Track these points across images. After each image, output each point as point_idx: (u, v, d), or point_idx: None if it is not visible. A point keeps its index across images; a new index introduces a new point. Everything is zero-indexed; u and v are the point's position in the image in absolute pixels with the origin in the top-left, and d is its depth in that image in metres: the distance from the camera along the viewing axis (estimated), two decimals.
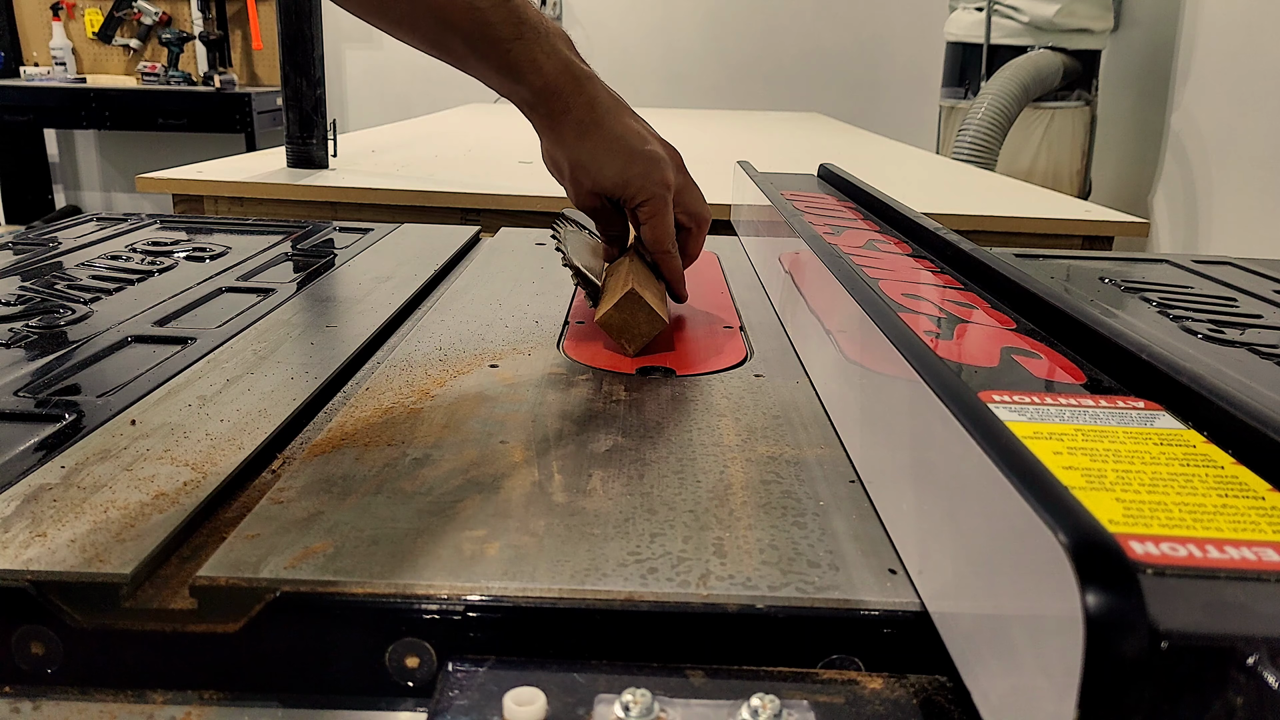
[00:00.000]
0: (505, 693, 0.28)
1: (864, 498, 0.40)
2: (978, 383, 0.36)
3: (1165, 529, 0.25)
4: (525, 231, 0.99)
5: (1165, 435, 0.32)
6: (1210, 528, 0.25)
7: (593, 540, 0.35)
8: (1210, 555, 0.24)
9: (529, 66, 0.58)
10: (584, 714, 0.27)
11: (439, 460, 0.42)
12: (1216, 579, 0.23)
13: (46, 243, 0.87)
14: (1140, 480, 0.28)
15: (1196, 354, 0.63)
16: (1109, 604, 0.20)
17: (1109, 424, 0.32)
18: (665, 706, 0.28)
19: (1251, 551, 0.24)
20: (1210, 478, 0.29)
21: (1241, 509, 0.27)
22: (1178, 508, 0.26)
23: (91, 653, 0.33)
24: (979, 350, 0.41)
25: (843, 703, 0.29)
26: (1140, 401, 0.34)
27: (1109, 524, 0.25)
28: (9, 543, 0.34)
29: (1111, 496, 0.27)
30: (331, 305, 0.70)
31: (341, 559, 0.33)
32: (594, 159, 0.61)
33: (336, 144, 1.57)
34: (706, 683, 0.30)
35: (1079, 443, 0.31)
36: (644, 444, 0.45)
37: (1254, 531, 0.25)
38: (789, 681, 0.30)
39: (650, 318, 0.57)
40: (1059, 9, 2.58)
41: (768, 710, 0.27)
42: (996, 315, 0.47)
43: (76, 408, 0.47)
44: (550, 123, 0.60)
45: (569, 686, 0.29)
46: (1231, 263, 0.94)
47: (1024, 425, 0.32)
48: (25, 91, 3.63)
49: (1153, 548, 0.24)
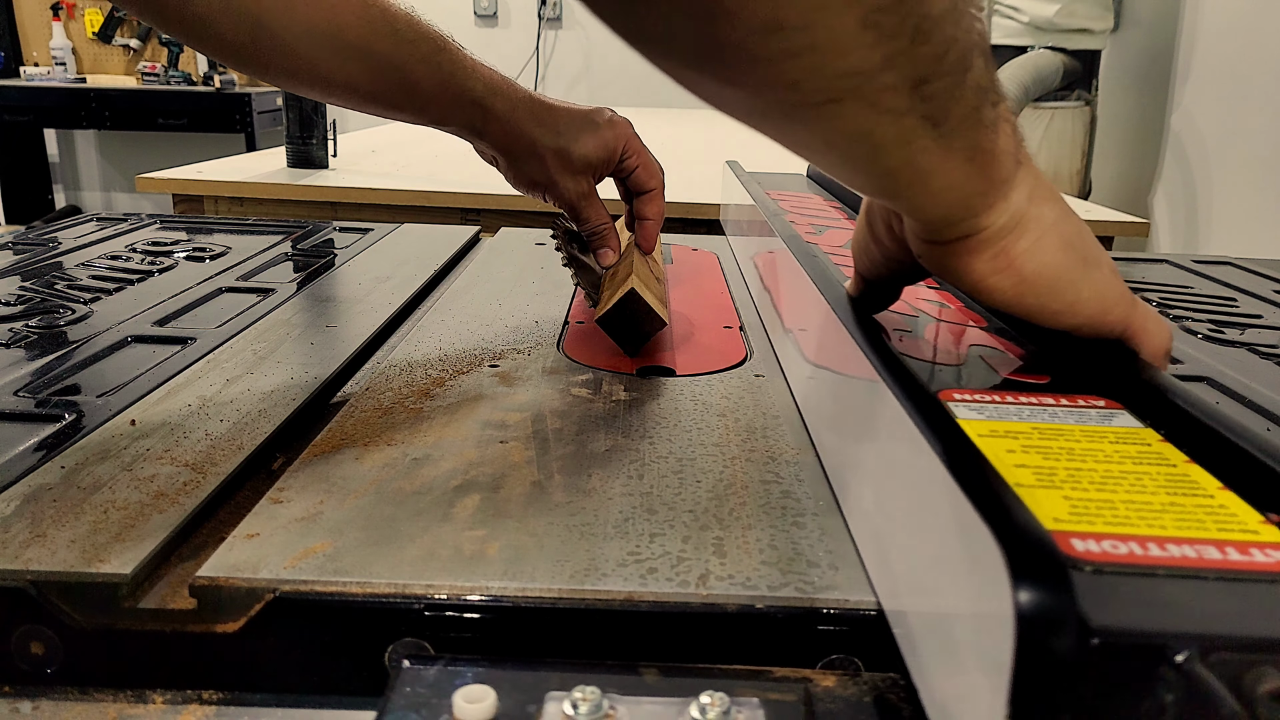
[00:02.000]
0: (456, 690, 0.28)
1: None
2: (940, 381, 0.36)
3: (1110, 527, 0.25)
4: (525, 231, 0.99)
5: (1122, 434, 0.32)
6: (1155, 525, 0.26)
7: (592, 540, 0.35)
8: (1151, 553, 0.24)
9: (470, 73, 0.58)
10: (534, 711, 0.27)
11: (439, 460, 0.42)
12: (1154, 577, 0.23)
13: (46, 243, 0.87)
14: (1091, 478, 0.28)
15: (1196, 354, 0.63)
16: (1039, 601, 0.20)
17: (1067, 422, 0.33)
18: (615, 704, 0.28)
19: (1193, 549, 0.24)
20: (1161, 476, 0.29)
21: (1188, 507, 0.27)
22: (1124, 505, 0.27)
23: (91, 653, 0.33)
24: (946, 349, 0.41)
25: (794, 700, 0.29)
26: (1101, 400, 0.35)
27: (1054, 522, 0.25)
28: (9, 543, 0.34)
29: (1060, 494, 0.27)
30: (331, 305, 0.70)
31: (341, 559, 0.33)
32: (570, 139, 0.61)
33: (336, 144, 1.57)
34: (660, 680, 0.30)
35: (1034, 441, 0.31)
36: (644, 444, 0.45)
37: (1198, 530, 0.25)
38: (742, 679, 0.30)
39: (650, 318, 0.57)
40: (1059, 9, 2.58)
41: (716, 708, 0.27)
42: (969, 314, 0.47)
43: (76, 408, 0.47)
44: (508, 127, 0.59)
45: (521, 684, 0.29)
46: (1231, 263, 0.94)
47: (981, 423, 0.32)
48: (25, 91, 3.63)
49: (1094, 545, 0.24)
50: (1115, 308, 0.37)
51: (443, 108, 0.58)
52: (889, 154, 0.31)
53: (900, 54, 0.27)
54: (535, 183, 0.63)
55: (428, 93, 0.57)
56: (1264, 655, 0.21)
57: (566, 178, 0.62)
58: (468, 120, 0.59)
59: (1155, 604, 0.22)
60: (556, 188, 0.63)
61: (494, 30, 3.68)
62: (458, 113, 0.59)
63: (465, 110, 0.58)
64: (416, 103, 0.57)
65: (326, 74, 0.55)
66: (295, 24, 0.52)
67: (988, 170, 0.33)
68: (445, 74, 0.57)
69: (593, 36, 3.62)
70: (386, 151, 1.75)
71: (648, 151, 0.65)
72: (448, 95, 0.57)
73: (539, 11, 3.62)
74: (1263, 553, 0.24)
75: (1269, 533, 0.25)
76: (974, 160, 0.32)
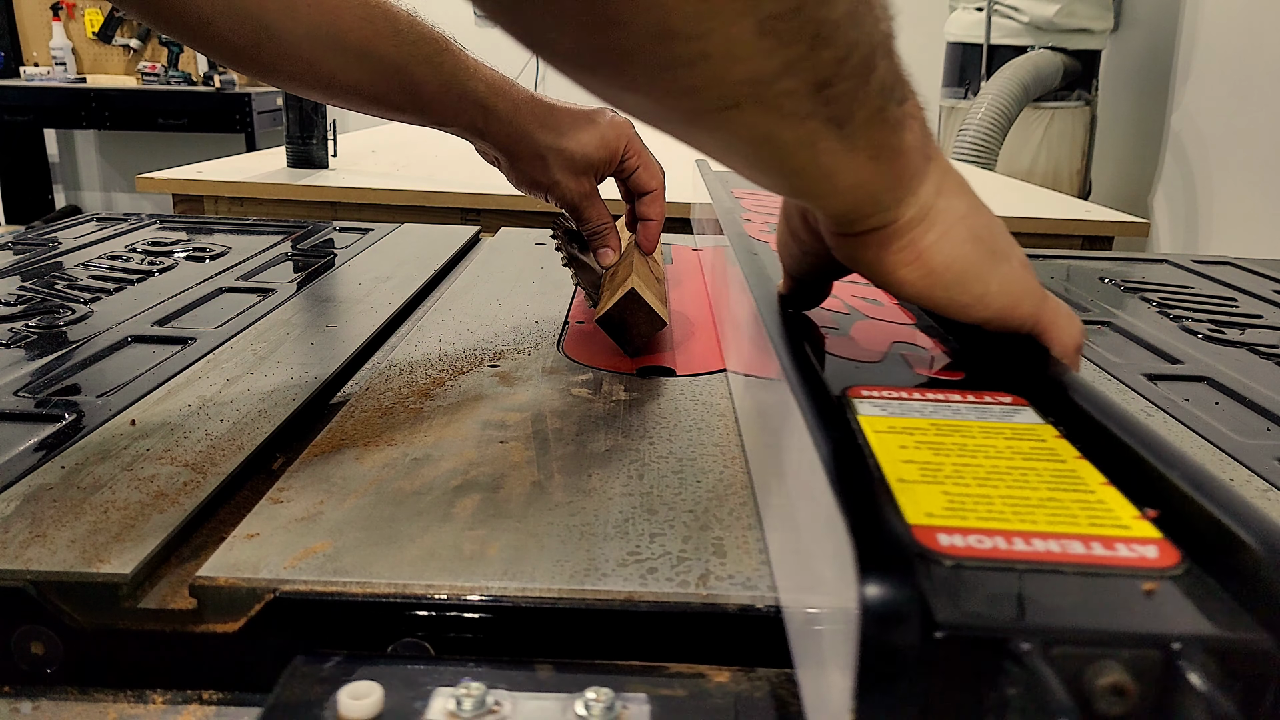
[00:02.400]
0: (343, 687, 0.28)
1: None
2: (854, 378, 0.37)
3: (981, 521, 0.26)
4: (525, 231, 0.99)
5: (1020, 430, 0.32)
6: (1026, 521, 0.26)
7: (592, 540, 0.35)
8: (1015, 548, 0.24)
9: (472, 74, 0.58)
10: (421, 707, 0.27)
11: (439, 460, 0.42)
12: (1013, 571, 0.23)
13: (46, 243, 0.87)
14: (976, 474, 0.28)
15: (1196, 354, 0.63)
16: (884, 595, 0.21)
17: (968, 418, 0.33)
18: (501, 700, 0.28)
19: (1058, 544, 0.25)
20: (1048, 472, 0.29)
21: (1066, 502, 0.27)
22: (1002, 500, 0.27)
23: (91, 653, 0.33)
24: (868, 346, 0.41)
25: (684, 695, 0.29)
26: (1008, 397, 0.35)
27: (925, 517, 0.26)
28: (9, 543, 0.34)
29: (940, 490, 0.27)
30: (331, 305, 0.70)
31: (341, 559, 0.33)
32: (571, 139, 0.61)
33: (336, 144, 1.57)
34: (552, 676, 0.30)
35: (930, 437, 0.31)
36: (644, 444, 0.45)
37: (1069, 525, 0.26)
38: (635, 675, 0.30)
39: (650, 318, 0.57)
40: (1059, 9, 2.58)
41: (601, 703, 0.28)
42: (898, 311, 0.47)
43: (76, 408, 0.47)
44: (510, 128, 0.59)
45: (410, 680, 0.29)
46: (1231, 263, 0.94)
47: (880, 419, 0.32)
48: (25, 91, 3.63)
49: (959, 540, 0.25)
50: (1024, 302, 0.37)
51: (445, 109, 0.58)
52: (792, 156, 0.31)
53: (800, 59, 0.26)
54: (537, 183, 0.63)
55: (430, 94, 0.57)
56: (1107, 649, 0.21)
57: (568, 178, 0.62)
58: (470, 121, 0.59)
59: (1006, 598, 0.22)
60: (558, 188, 0.63)
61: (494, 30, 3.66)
62: (460, 114, 0.59)
63: (467, 111, 0.58)
64: (418, 104, 0.57)
65: (328, 76, 0.55)
66: (298, 26, 0.52)
67: (894, 167, 0.33)
68: (447, 75, 0.57)
69: None
70: (386, 151, 1.75)
71: (649, 152, 0.65)
72: (450, 96, 0.57)
73: None
74: (1128, 548, 0.25)
75: (1140, 528, 0.26)
76: (879, 158, 0.32)
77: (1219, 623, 0.22)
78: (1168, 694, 0.21)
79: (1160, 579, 0.23)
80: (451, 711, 0.27)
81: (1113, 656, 0.21)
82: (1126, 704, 0.21)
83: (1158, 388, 0.56)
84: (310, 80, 0.56)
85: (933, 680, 0.21)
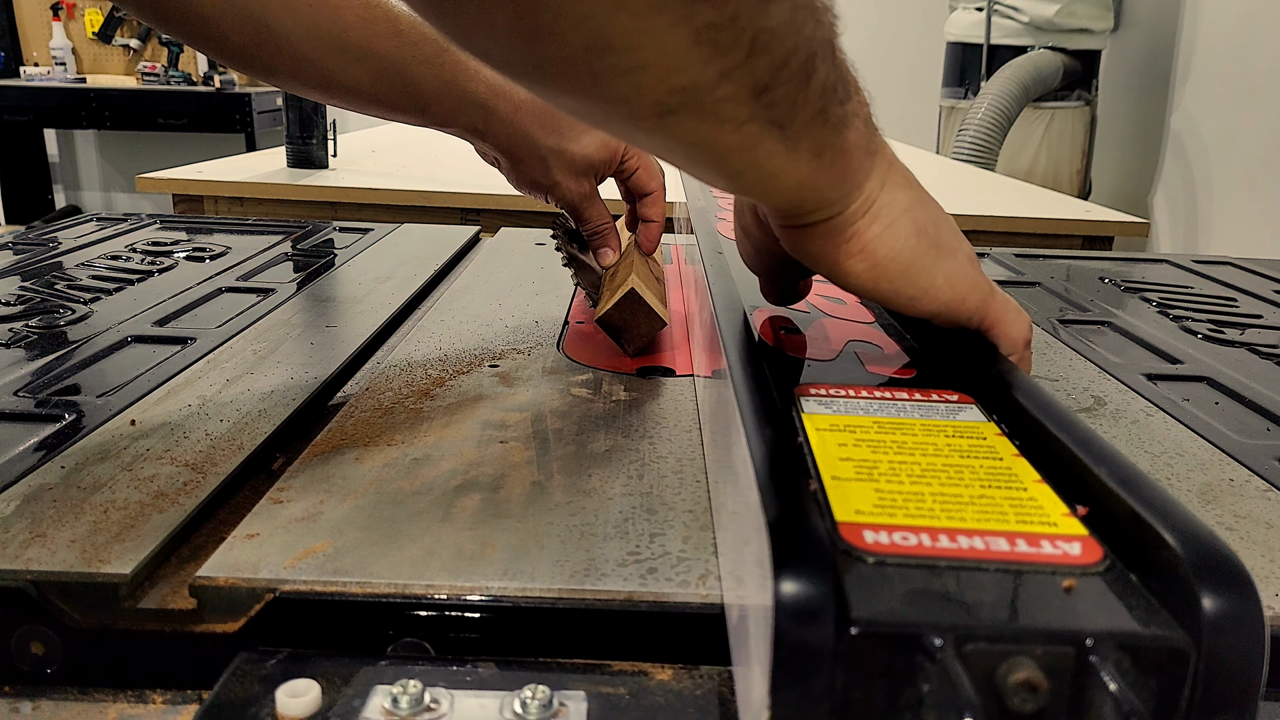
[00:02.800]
0: (281, 685, 0.28)
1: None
2: (805, 376, 0.37)
3: (909, 519, 0.26)
4: (525, 231, 0.99)
5: (962, 428, 0.32)
6: (955, 518, 0.26)
7: (592, 540, 0.35)
8: (940, 545, 0.24)
9: (472, 75, 0.58)
10: (359, 705, 0.27)
11: (439, 460, 0.42)
12: (935, 568, 0.23)
13: (46, 243, 0.87)
14: (911, 471, 0.29)
15: (1196, 354, 0.63)
16: (798, 592, 0.21)
17: (911, 416, 0.33)
18: (440, 697, 0.28)
19: (983, 541, 0.25)
20: (983, 469, 0.29)
21: (997, 499, 0.27)
22: (933, 498, 0.27)
23: (91, 653, 0.33)
24: (823, 344, 0.41)
25: (624, 693, 0.29)
26: (955, 395, 0.35)
27: (854, 514, 0.26)
28: (9, 543, 0.34)
29: (873, 487, 0.27)
30: (331, 305, 0.70)
31: (341, 559, 0.33)
32: (571, 140, 0.60)
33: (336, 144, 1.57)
34: (492, 674, 0.30)
35: (871, 435, 0.31)
36: (644, 444, 0.45)
37: (998, 522, 0.26)
38: (576, 673, 0.30)
39: (650, 318, 0.57)
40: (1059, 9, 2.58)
41: (537, 700, 0.28)
42: (859, 310, 0.47)
43: (76, 408, 0.47)
44: (511, 129, 0.59)
45: (349, 678, 0.29)
46: (1231, 263, 0.94)
47: (824, 418, 0.33)
48: (25, 91, 3.63)
49: (884, 537, 0.25)
50: (971, 296, 0.37)
51: (445, 110, 0.58)
52: (733, 158, 0.31)
53: (737, 67, 0.26)
54: (537, 184, 0.63)
55: (430, 94, 0.57)
56: (1020, 645, 0.21)
57: (569, 179, 0.62)
58: (470, 122, 0.59)
59: (924, 595, 0.22)
60: (559, 189, 0.62)
61: None
62: (460, 115, 0.58)
63: (468, 112, 0.58)
64: (419, 104, 0.57)
65: (328, 75, 0.55)
66: (298, 25, 0.52)
67: (837, 166, 0.34)
68: (448, 76, 0.57)
69: None
70: (386, 152, 1.75)
71: (649, 154, 0.65)
72: (451, 97, 0.57)
73: None
74: (1053, 545, 0.25)
75: (1068, 525, 0.26)
76: (822, 157, 0.33)
77: (1134, 619, 0.22)
78: (1082, 690, 0.21)
79: (1081, 576, 0.23)
80: (388, 709, 0.27)
81: (1026, 653, 0.21)
82: (1039, 700, 0.21)
83: (1158, 388, 0.56)
84: (310, 79, 0.56)
85: (848, 676, 0.21)
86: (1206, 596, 0.21)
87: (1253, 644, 0.21)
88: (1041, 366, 0.59)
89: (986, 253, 0.95)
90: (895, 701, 0.21)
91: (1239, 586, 0.21)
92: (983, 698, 0.20)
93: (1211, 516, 0.40)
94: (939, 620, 0.21)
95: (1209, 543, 0.22)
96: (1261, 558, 0.36)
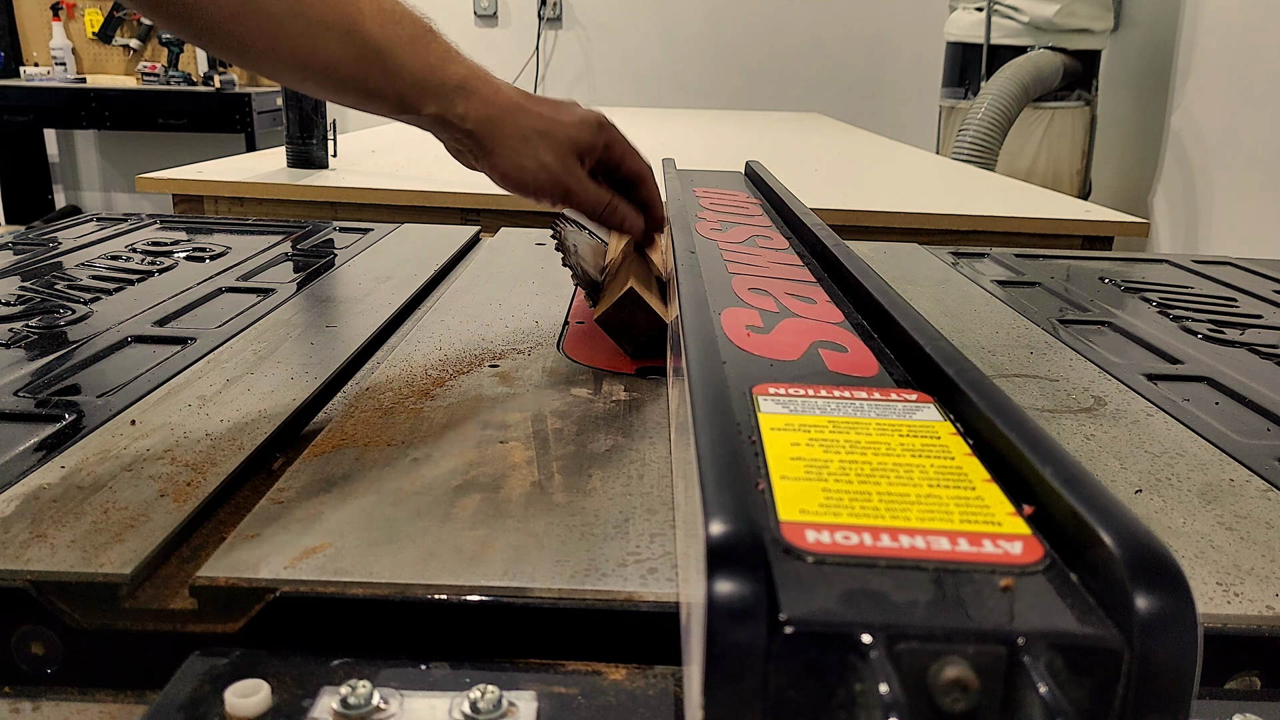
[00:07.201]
0: (230, 685, 0.28)
1: None
2: (766, 375, 0.37)
3: (852, 518, 0.25)
4: (525, 231, 0.99)
5: (917, 427, 0.32)
6: (899, 517, 0.26)
7: (592, 540, 0.35)
8: (881, 544, 0.24)
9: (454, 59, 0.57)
10: (308, 705, 0.27)
11: (439, 460, 0.42)
12: (873, 567, 0.23)
13: (46, 243, 0.87)
14: (860, 471, 0.28)
15: (1196, 354, 0.63)
16: (730, 591, 0.21)
17: (867, 416, 0.33)
18: (389, 698, 0.28)
19: (924, 540, 0.24)
20: (933, 469, 0.29)
21: (944, 499, 0.27)
22: (879, 497, 0.27)
23: (91, 653, 0.33)
24: (787, 344, 0.41)
25: (576, 693, 0.29)
26: (914, 394, 0.35)
27: (799, 513, 0.26)
28: (9, 543, 0.34)
29: (820, 486, 0.27)
30: (331, 305, 0.70)
31: (341, 559, 0.33)
32: (553, 116, 0.60)
33: (336, 144, 1.57)
34: (444, 674, 0.30)
35: (825, 434, 0.31)
36: (644, 444, 0.45)
37: (942, 521, 0.25)
38: (530, 673, 0.30)
39: (649, 317, 0.57)
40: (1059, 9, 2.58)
41: (487, 700, 0.27)
42: (829, 310, 0.47)
43: (76, 408, 0.47)
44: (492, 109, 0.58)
45: (299, 678, 0.29)
46: (1231, 263, 0.94)
47: (779, 417, 0.32)
48: (25, 91, 3.63)
49: (826, 536, 0.24)
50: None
51: (425, 93, 0.57)
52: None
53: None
54: (523, 168, 0.60)
55: (411, 77, 0.56)
56: (952, 645, 0.21)
57: (555, 158, 0.60)
58: (450, 106, 0.57)
59: (860, 594, 0.22)
60: (547, 170, 0.60)
61: (494, 30, 3.68)
62: (440, 98, 0.57)
63: (448, 95, 0.57)
64: (397, 88, 0.56)
65: (306, 54, 0.53)
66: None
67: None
68: (434, 59, 0.56)
69: (593, 36, 3.62)
70: (386, 151, 1.74)
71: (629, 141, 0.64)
72: (433, 80, 0.56)
73: (539, 11, 3.62)
74: (994, 544, 0.24)
75: (1011, 525, 0.25)
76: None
77: (1068, 619, 0.22)
78: (1014, 690, 0.21)
79: (1020, 575, 0.23)
80: (337, 710, 0.27)
81: (957, 652, 0.21)
82: (970, 699, 0.21)
83: (1158, 388, 0.56)
84: (286, 58, 0.54)
85: (780, 676, 0.21)
86: (1140, 596, 0.21)
87: (1186, 644, 0.21)
88: (1042, 366, 0.59)
89: (987, 252, 0.95)
90: (829, 701, 0.21)
91: (1173, 586, 0.21)
92: (914, 697, 0.20)
93: (1212, 516, 0.40)
94: (871, 619, 0.21)
95: (1144, 542, 0.22)
96: (1262, 558, 0.36)
